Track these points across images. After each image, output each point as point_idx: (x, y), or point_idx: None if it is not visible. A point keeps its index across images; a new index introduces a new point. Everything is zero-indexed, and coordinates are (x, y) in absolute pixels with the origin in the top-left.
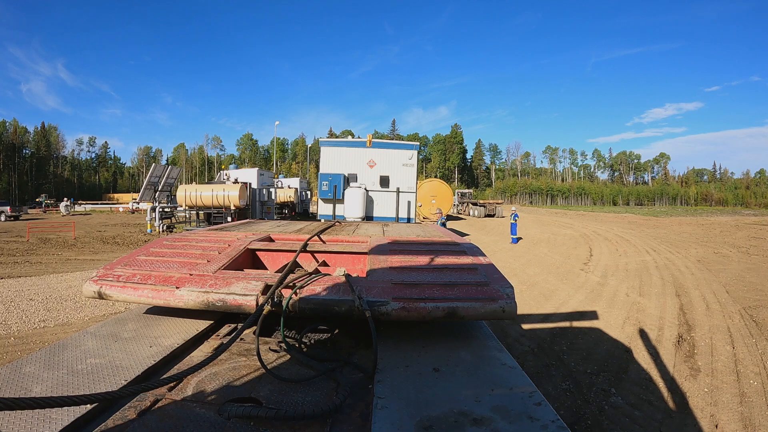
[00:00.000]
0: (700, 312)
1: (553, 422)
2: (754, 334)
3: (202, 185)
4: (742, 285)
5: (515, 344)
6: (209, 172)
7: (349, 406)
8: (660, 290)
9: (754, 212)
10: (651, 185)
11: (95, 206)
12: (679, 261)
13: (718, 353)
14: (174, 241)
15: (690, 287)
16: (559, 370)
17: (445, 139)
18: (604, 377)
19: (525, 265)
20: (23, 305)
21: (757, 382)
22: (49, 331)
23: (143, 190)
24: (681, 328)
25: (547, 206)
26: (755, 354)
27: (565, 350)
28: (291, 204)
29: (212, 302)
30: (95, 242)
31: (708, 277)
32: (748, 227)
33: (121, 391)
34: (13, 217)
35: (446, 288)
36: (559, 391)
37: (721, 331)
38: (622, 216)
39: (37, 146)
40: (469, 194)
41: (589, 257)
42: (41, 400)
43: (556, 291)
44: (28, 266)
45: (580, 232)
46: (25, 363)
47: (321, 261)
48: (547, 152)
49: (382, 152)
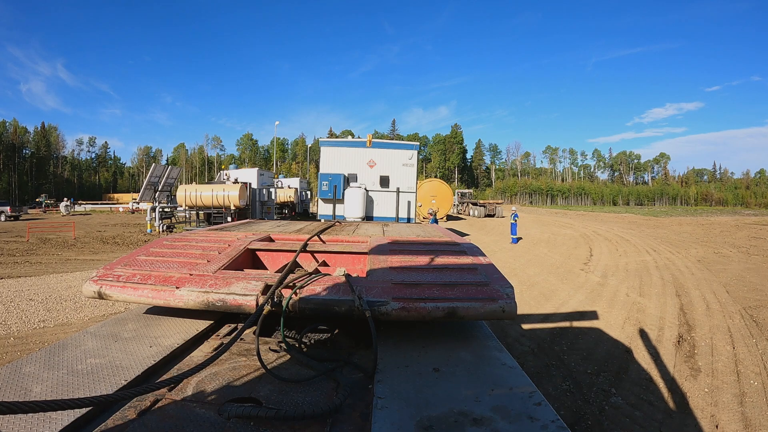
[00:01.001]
0: (701, 312)
1: (553, 422)
2: (754, 335)
3: (202, 185)
4: (743, 285)
5: (515, 344)
6: (209, 172)
7: (349, 406)
8: (660, 290)
9: (754, 212)
10: (651, 185)
11: (95, 206)
12: (679, 261)
13: (718, 353)
14: (174, 241)
15: (690, 287)
16: (559, 370)
17: (445, 139)
18: (604, 377)
19: (525, 265)
20: (23, 305)
21: (757, 382)
22: (48, 331)
23: (143, 190)
24: (681, 328)
25: (547, 206)
26: (755, 354)
27: (565, 350)
28: (291, 204)
29: (212, 302)
30: (95, 242)
31: (708, 277)
32: (749, 227)
33: (117, 394)
34: (13, 217)
35: (446, 288)
36: (560, 392)
37: (721, 331)
38: (622, 216)
39: (37, 146)
40: (469, 194)
41: (589, 257)
42: (37, 403)
43: (556, 291)
44: (28, 266)
45: (580, 232)
46: (25, 363)
47: (321, 261)
48: (547, 152)
49: (382, 152)
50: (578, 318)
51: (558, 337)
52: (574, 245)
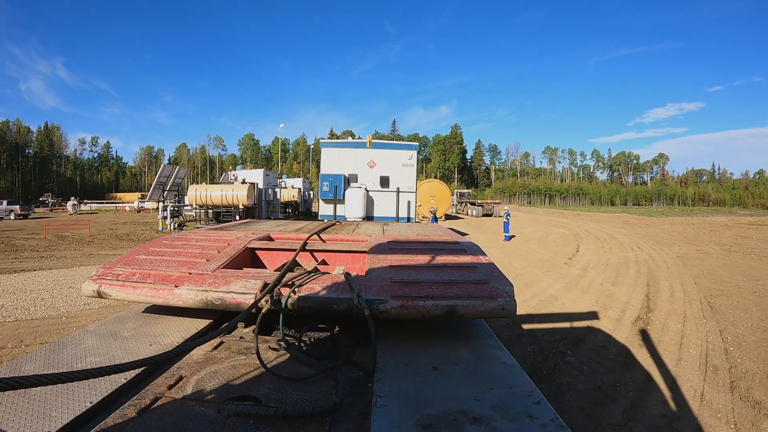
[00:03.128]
0: (664, 299)
1: (552, 421)
2: (706, 317)
3: (212, 185)
4: (712, 278)
5: (491, 322)
6: (211, 172)
7: (348, 404)
8: (633, 281)
9: (750, 212)
10: (650, 186)
11: (100, 205)
12: (659, 257)
13: (668, 330)
14: (173, 240)
15: (662, 279)
16: (528, 339)
17: (445, 139)
18: (564, 344)
19: (514, 260)
20: (65, 291)
21: (696, 351)
22: (95, 312)
23: (152, 190)
24: (642, 310)
25: (546, 206)
26: (702, 332)
27: (536, 325)
28: (294, 203)
29: (211, 301)
30: (111, 239)
31: (682, 270)
32: (739, 227)
33: (162, 355)
34: (23, 215)
35: (445, 286)
36: (525, 353)
37: (677, 314)
38: (618, 216)
39: (40, 146)
40: (467, 194)
41: (575, 253)
42: (82, 372)
43: (538, 281)
44: (54, 260)
45: (573, 231)
46: (25, 361)
47: (320, 260)
48: (547, 152)
49: (382, 153)
50: (552, 302)
51: (532, 317)
52: (563, 242)
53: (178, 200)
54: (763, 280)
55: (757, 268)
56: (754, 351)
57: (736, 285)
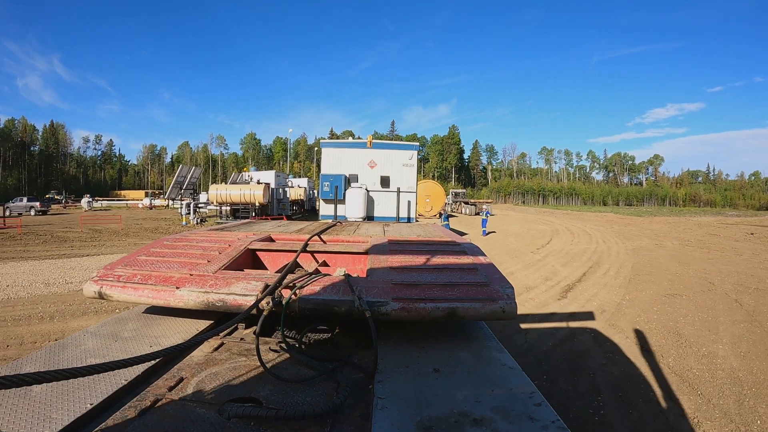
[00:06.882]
0: (597, 276)
1: (554, 423)
2: (622, 287)
3: (231, 185)
4: (650, 264)
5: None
6: (213, 171)
7: (349, 406)
8: (580, 264)
9: (738, 213)
10: (645, 186)
11: (111, 202)
12: (616, 248)
13: (585, 293)
14: (175, 241)
15: (605, 264)
16: None
17: (443, 139)
18: None
19: (489, 250)
20: None
21: (597, 303)
22: None
23: (170, 188)
24: (574, 282)
25: (539, 206)
26: (612, 295)
27: None
28: (300, 201)
29: (212, 302)
30: (142, 231)
31: (628, 259)
32: (714, 226)
33: (178, 346)
34: (42, 211)
35: (446, 288)
36: None
37: (599, 285)
38: (604, 215)
39: (45, 144)
40: (462, 194)
41: (544, 245)
42: (94, 367)
43: (503, 263)
44: (106, 248)
45: (553, 228)
46: (25, 362)
47: (321, 261)
48: (543, 153)
49: (383, 153)
50: (509, 276)
51: None
52: (539, 237)
53: (193, 198)
54: (693, 265)
55: (698, 258)
56: (639, 306)
57: (665, 269)
